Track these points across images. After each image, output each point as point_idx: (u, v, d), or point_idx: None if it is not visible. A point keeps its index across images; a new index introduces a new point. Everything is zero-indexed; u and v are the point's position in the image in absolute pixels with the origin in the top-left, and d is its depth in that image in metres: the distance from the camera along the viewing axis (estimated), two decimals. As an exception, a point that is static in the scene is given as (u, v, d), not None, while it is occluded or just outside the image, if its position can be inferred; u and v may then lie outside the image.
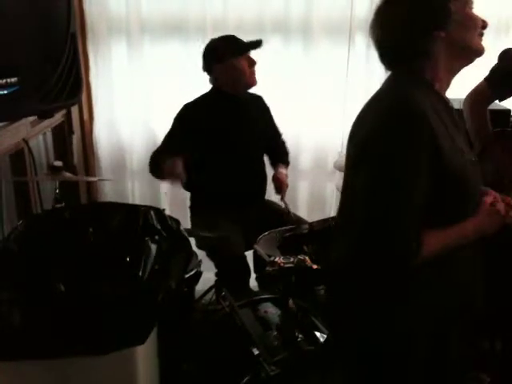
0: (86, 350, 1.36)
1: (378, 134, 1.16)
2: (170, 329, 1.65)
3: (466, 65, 1.27)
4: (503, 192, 1.42)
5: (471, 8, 1.23)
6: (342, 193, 1.34)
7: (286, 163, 2.72)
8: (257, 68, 2.46)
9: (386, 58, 1.27)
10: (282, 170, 2.63)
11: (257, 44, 2.40)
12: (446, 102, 1.27)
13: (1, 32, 1.27)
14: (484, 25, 1.24)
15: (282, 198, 2.58)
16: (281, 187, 2.57)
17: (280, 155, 2.74)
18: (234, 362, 1.84)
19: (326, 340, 1.69)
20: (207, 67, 2.48)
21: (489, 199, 1.27)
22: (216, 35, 2.50)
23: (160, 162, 2.37)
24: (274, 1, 2.90)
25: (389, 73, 1.29)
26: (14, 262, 1.61)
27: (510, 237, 1.93)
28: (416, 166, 1.13)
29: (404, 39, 1.21)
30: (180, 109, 2.49)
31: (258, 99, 2.65)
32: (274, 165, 2.70)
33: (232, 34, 2.46)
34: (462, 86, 2.04)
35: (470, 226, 1.23)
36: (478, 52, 1.26)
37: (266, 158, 2.72)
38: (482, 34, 1.25)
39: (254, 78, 2.46)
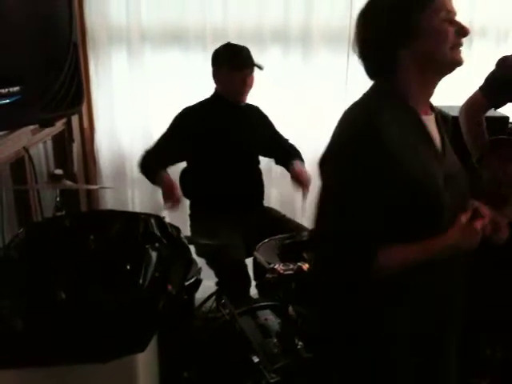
0: (86, 357, 1.36)
1: (338, 145, 1.21)
2: (171, 336, 1.66)
3: (442, 76, 1.24)
4: (501, 202, 1.42)
5: (444, 16, 1.18)
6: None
7: (300, 159, 2.64)
8: (256, 80, 2.48)
9: (365, 69, 1.28)
10: (297, 163, 2.55)
11: (254, 67, 2.43)
12: (418, 118, 1.24)
13: (3, 41, 1.28)
14: (462, 32, 1.19)
15: (304, 193, 2.47)
16: (299, 178, 2.47)
17: (291, 154, 2.67)
18: (234, 370, 1.84)
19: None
20: (212, 67, 2.51)
21: (464, 217, 1.21)
22: (216, 44, 2.53)
23: (151, 166, 2.43)
24: (274, 10, 2.92)
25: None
26: (14, 269, 1.61)
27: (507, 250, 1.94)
28: (370, 183, 1.15)
29: (371, 54, 1.23)
30: (179, 112, 2.52)
31: (255, 109, 2.67)
32: (287, 164, 2.62)
33: (232, 42, 2.48)
34: (459, 93, 2.07)
35: (437, 243, 1.20)
36: (452, 64, 1.21)
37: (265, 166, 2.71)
38: (458, 44, 1.20)
39: (244, 96, 2.48)
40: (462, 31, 1.19)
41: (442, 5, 1.18)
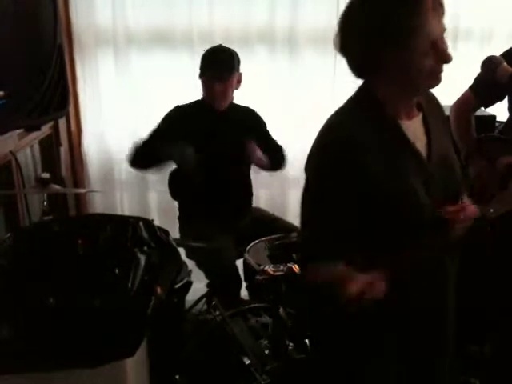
0: (75, 362, 1.35)
1: (313, 155, 1.25)
2: (161, 340, 1.65)
3: (418, 92, 1.26)
4: (486, 199, 1.43)
5: (428, 47, 1.15)
6: None
7: (277, 162, 2.62)
8: (243, 81, 2.48)
9: (348, 66, 1.27)
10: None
11: (231, 75, 2.41)
12: (396, 125, 1.24)
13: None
14: (444, 60, 1.17)
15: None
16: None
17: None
18: (225, 372, 1.84)
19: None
20: None
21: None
22: (203, 46, 2.52)
23: (150, 151, 2.43)
24: (260, 12, 2.92)
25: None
26: (2, 275, 1.60)
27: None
28: (335, 192, 1.19)
29: (351, 51, 1.22)
30: (170, 109, 2.52)
31: (247, 112, 2.64)
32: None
33: (217, 46, 2.47)
34: (443, 93, 2.09)
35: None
36: (425, 88, 1.24)
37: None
38: (437, 71, 1.19)
39: (218, 102, 2.45)
40: (444, 58, 1.18)
41: (429, 35, 1.14)
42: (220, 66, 2.41)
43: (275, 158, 2.66)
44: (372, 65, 1.20)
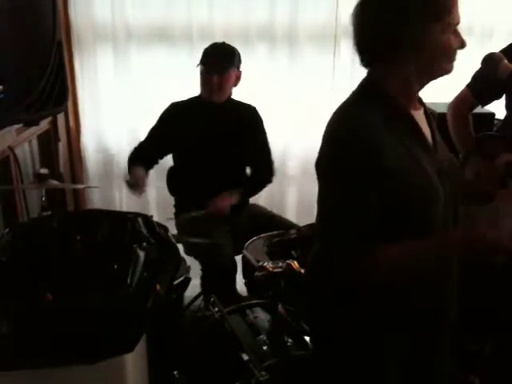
0: (74, 358, 1.35)
1: (328, 150, 1.22)
2: (160, 336, 1.65)
3: (430, 80, 1.25)
4: (486, 199, 1.43)
5: (453, 30, 1.17)
6: None
7: (246, 193, 2.57)
8: (242, 78, 2.47)
9: (359, 55, 1.25)
10: (224, 197, 2.46)
11: (228, 69, 2.40)
12: (407, 113, 1.23)
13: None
14: (461, 46, 1.19)
15: None
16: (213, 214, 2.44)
17: (247, 182, 2.61)
18: (223, 369, 1.84)
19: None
20: None
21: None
22: (202, 42, 2.52)
23: (135, 162, 2.46)
24: (260, 8, 2.91)
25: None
26: (0, 271, 1.60)
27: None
28: (360, 186, 1.15)
29: (361, 43, 1.21)
30: (166, 107, 2.53)
31: (247, 109, 2.61)
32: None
33: (218, 42, 2.47)
34: (444, 90, 2.08)
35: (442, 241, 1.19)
36: (442, 74, 1.22)
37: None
38: (454, 57, 1.20)
39: (211, 92, 2.42)
40: (462, 44, 1.19)
41: (455, 18, 1.16)
42: (219, 58, 2.41)
43: (260, 177, 2.65)
44: (373, 58, 1.19)
